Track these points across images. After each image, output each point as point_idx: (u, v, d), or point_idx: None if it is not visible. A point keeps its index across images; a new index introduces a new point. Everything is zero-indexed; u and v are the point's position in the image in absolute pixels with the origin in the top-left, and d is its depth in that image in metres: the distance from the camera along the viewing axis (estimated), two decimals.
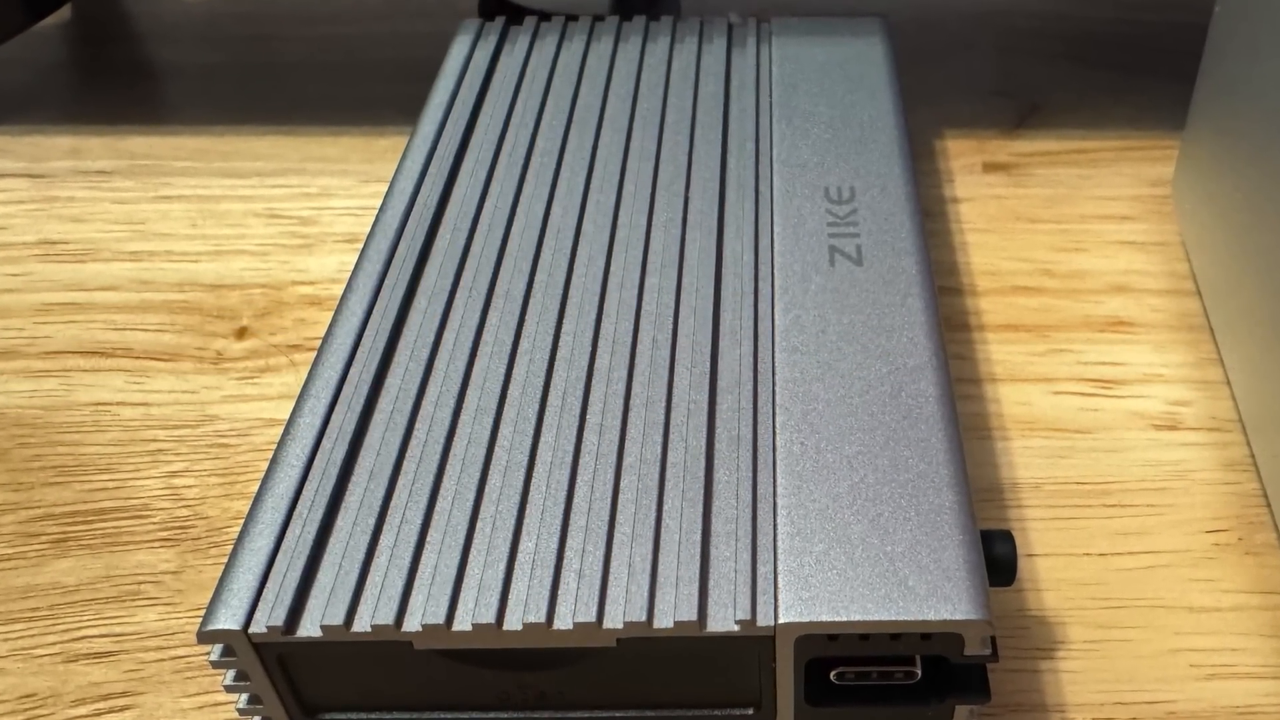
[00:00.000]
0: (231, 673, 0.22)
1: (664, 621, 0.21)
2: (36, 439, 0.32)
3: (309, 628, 0.21)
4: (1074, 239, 0.37)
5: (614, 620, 0.21)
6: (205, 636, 0.22)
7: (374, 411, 0.25)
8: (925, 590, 0.21)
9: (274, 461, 0.25)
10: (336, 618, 0.21)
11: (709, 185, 0.31)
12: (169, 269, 0.37)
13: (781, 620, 0.21)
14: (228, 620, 0.22)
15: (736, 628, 0.21)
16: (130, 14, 0.52)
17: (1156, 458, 0.30)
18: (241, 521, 0.24)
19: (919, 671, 0.22)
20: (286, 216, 0.40)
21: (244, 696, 0.23)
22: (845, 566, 0.22)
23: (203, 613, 0.22)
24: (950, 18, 0.49)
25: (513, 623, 0.21)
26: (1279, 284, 0.28)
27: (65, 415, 0.33)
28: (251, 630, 0.21)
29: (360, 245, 0.30)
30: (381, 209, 0.31)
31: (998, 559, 0.23)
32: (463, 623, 0.21)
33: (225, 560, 0.23)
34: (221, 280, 0.37)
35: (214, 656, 0.22)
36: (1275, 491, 0.28)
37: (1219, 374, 0.32)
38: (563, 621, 0.21)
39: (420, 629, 0.21)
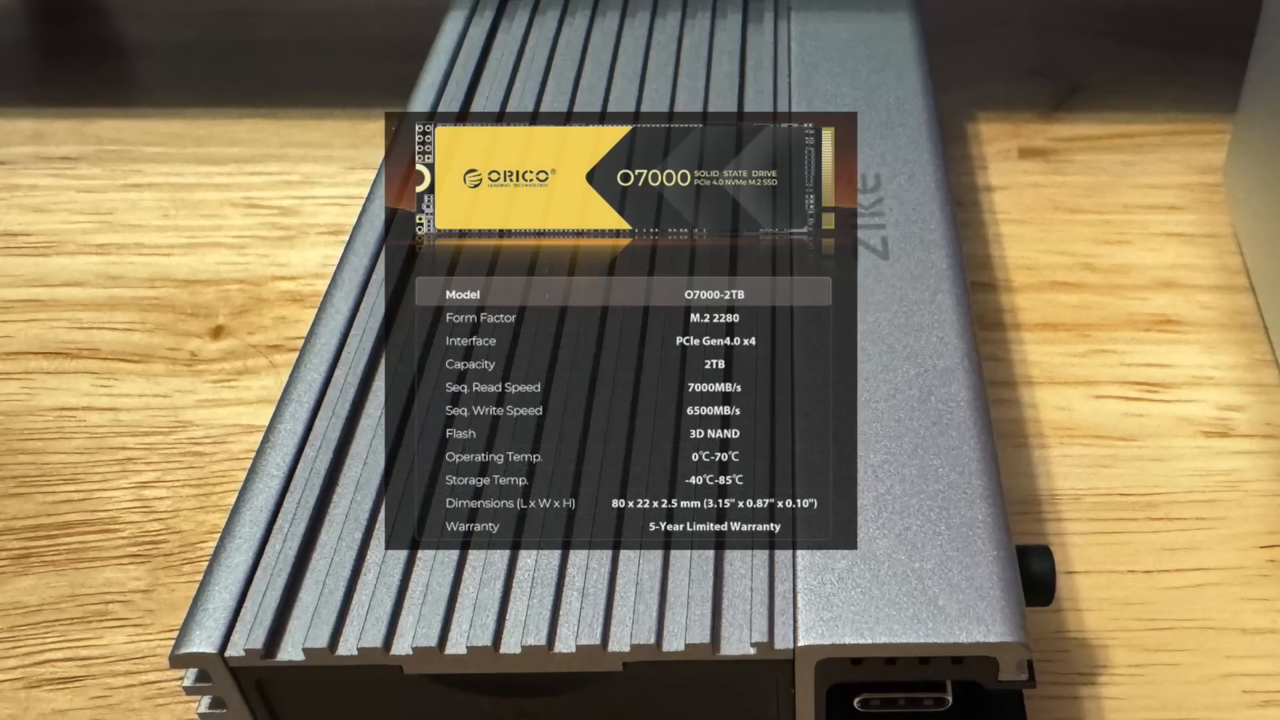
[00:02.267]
0: (207, 699, 0.22)
1: (674, 644, 0.21)
2: None
3: (290, 651, 0.22)
4: (1117, 230, 0.37)
5: (620, 643, 0.21)
6: (178, 660, 0.22)
7: (360, 417, 0.26)
8: (957, 610, 0.21)
9: (252, 471, 0.25)
10: (320, 640, 0.21)
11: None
12: (139, 263, 0.38)
13: (801, 643, 0.21)
14: (202, 643, 0.22)
15: (752, 651, 0.21)
16: None
17: (1206, 467, 0.30)
18: (217, 536, 0.24)
19: (950, 698, 0.22)
20: (266, 206, 0.40)
21: None
22: (870, 585, 0.22)
23: (175, 635, 0.22)
24: None
25: (511, 646, 0.21)
26: None
27: (27, 421, 0.33)
28: (228, 653, 0.21)
29: (346, 237, 0.30)
30: (368, 198, 0.31)
31: (1035, 577, 0.23)
32: (457, 646, 0.21)
33: (200, 578, 0.23)
34: (196, 275, 0.37)
35: (188, 682, 0.22)
36: None
37: (1274, 376, 0.32)
38: (565, 644, 0.21)
39: (411, 652, 0.21)
